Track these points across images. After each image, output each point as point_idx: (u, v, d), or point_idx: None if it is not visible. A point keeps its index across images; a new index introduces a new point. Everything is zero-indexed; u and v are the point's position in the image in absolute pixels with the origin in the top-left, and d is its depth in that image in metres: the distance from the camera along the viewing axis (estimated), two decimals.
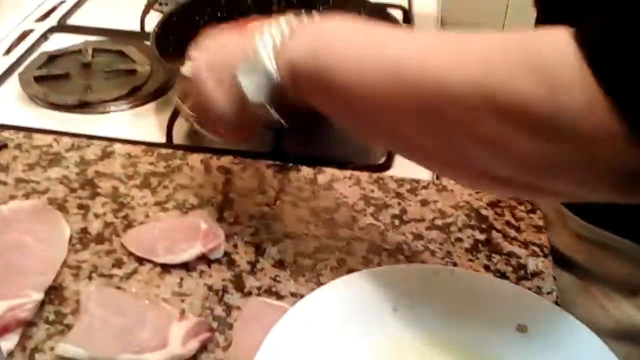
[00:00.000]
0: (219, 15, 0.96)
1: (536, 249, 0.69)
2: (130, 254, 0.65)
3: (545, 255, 0.68)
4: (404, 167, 0.78)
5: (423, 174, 0.75)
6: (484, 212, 0.72)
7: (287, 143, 0.81)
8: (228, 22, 0.94)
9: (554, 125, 0.40)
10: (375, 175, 0.76)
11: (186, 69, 0.62)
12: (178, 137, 0.85)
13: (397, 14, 1.13)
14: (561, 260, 0.71)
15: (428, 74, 0.45)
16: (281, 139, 0.82)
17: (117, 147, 0.79)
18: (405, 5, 1.17)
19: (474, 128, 0.44)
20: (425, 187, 0.75)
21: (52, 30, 1.08)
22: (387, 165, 0.79)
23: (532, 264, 0.67)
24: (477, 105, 0.43)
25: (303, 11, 0.56)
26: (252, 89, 0.54)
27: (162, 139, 0.84)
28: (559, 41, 0.40)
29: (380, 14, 0.93)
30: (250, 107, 0.55)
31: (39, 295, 0.60)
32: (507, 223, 0.71)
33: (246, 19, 0.93)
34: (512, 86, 0.41)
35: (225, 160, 0.78)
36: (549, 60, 0.40)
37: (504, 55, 0.42)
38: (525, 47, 0.42)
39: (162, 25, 0.89)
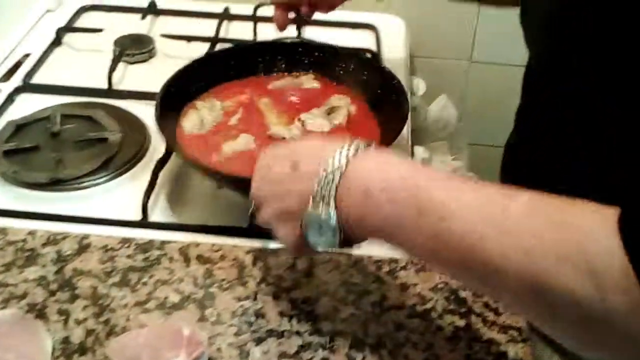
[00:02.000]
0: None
1: (515, 333, 0.70)
2: None
3: (524, 340, 0.69)
4: None
5: None
6: (462, 294, 0.73)
7: None
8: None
9: (600, 321, 0.42)
10: (353, 257, 0.77)
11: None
12: (153, 211, 0.84)
13: None
14: (544, 337, 0.72)
15: (478, 255, 0.47)
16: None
17: (93, 238, 0.78)
18: (374, 48, 1.16)
19: (523, 308, 0.48)
20: (404, 268, 0.76)
21: (18, 90, 1.06)
22: None
23: (512, 351, 0.68)
24: (524, 291, 0.45)
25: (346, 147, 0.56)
26: (320, 241, 0.58)
27: (138, 214, 0.83)
28: (605, 237, 0.42)
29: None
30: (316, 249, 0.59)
31: None
32: (486, 305, 0.72)
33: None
34: (558, 280, 0.43)
35: (204, 248, 0.78)
36: (595, 258, 0.42)
37: (550, 246, 0.44)
38: (571, 239, 0.43)
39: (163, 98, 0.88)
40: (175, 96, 0.91)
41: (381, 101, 0.91)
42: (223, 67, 0.96)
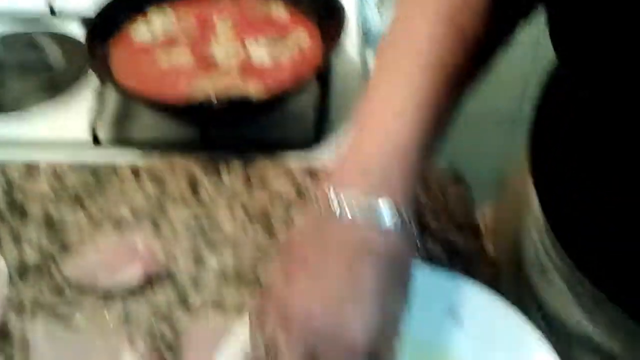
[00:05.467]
0: None
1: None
2: (72, 283, 0.66)
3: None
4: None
5: None
6: None
7: (215, 133, 0.81)
8: None
9: None
10: (307, 166, 0.77)
11: None
12: (101, 130, 0.83)
13: None
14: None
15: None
16: (208, 130, 0.81)
17: (42, 163, 0.77)
18: None
19: None
20: None
21: None
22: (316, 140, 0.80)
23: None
24: None
25: None
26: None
27: (86, 134, 0.82)
28: None
29: None
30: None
31: None
32: None
33: None
34: None
35: (156, 165, 0.77)
36: None
37: None
38: None
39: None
40: (110, 19, 0.88)
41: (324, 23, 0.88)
42: None
